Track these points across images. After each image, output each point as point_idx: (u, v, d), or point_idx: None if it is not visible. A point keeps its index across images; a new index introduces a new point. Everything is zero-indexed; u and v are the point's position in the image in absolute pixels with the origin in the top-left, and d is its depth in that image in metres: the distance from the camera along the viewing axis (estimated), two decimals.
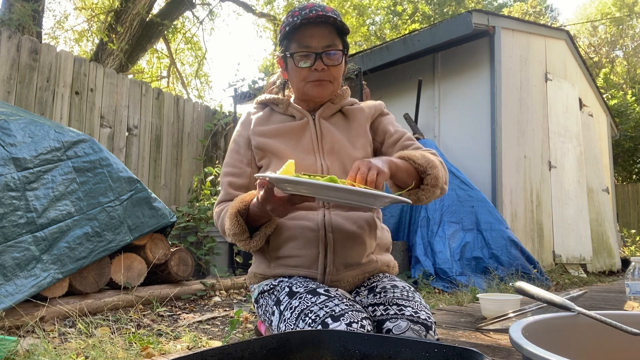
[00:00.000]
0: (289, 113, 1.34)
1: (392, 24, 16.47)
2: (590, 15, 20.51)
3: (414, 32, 5.20)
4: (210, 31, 28.26)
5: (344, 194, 0.95)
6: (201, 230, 4.41)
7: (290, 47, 1.27)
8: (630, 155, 12.40)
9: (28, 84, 4.40)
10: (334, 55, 1.24)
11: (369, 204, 1.03)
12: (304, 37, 1.23)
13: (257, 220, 1.19)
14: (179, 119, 5.82)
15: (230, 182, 1.31)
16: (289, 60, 1.28)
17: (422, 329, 1.06)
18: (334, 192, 0.95)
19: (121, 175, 2.98)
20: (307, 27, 1.23)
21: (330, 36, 1.24)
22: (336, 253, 1.21)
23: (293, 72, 1.28)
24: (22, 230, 2.45)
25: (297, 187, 0.97)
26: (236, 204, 1.17)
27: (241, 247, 1.20)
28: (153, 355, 1.79)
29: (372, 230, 1.28)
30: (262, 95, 1.42)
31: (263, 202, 1.06)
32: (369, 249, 1.27)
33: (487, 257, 4.06)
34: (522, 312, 1.91)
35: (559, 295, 0.89)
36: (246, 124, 1.37)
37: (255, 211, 1.14)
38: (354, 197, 0.97)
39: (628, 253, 7.95)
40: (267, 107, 1.40)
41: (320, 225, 1.21)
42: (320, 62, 1.23)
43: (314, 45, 1.23)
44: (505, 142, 4.68)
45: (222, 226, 1.25)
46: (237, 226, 1.15)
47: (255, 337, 0.75)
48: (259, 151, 1.30)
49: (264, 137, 1.30)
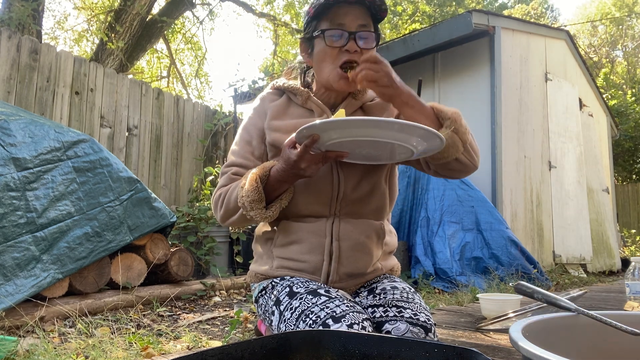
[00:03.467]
0: (307, 107, 1.25)
1: (392, 24, 16.46)
2: (590, 15, 20.51)
3: (414, 32, 5.20)
4: (210, 31, 28.34)
5: (387, 130, 0.97)
6: (201, 230, 4.41)
7: (320, 25, 1.17)
8: (630, 155, 12.40)
9: (28, 84, 4.40)
10: (368, 38, 1.15)
11: (406, 142, 1.01)
12: (337, 15, 1.14)
13: (276, 189, 1.14)
14: (179, 119, 5.82)
15: (237, 172, 1.23)
16: (317, 42, 1.18)
17: (422, 331, 1.06)
18: (377, 129, 0.97)
19: (121, 175, 2.98)
20: (341, 6, 1.14)
21: (365, 17, 1.16)
22: (341, 262, 1.18)
23: (321, 54, 1.17)
24: (22, 230, 2.45)
25: (344, 131, 0.98)
26: (257, 171, 1.12)
27: (255, 215, 1.13)
28: (153, 355, 1.79)
29: (380, 239, 1.25)
30: (280, 79, 1.32)
31: (299, 159, 1.03)
32: (375, 259, 1.24)
33: (487, 257, 4.06)
34: (522, 312, 1.91)
35: (559, 295, 0.89)
36: (261, 112, 1.28)
37: (278, 176, 1.10)
38: (397, 133, 0.98)
39: (628, 253, 7.95)
40: (284, 95, 1.30)
41: (327, 232, 1.18)
42: (353, 43, 1.13)
43: (347, 24, 1.14)
44: (505, 142, 4.67)
45: (227, 203, 1.18)
46: (256, 192, 1.09)
47: (255, 337, 0.75)
48: (273, 148, 1.23)
49: (280, 133, 1.21)
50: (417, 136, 0.99)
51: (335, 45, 1.14)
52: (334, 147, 1.03)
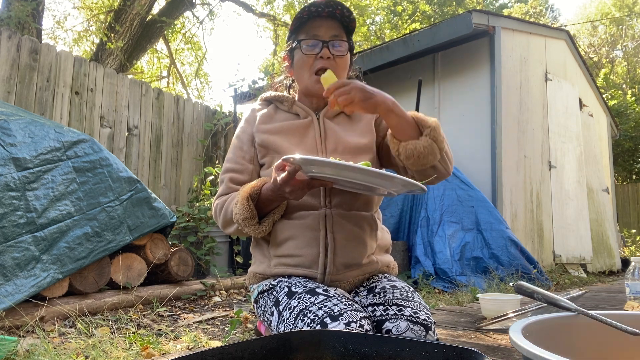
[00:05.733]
0: (293, 111, 1.35)
1: (392, 24, 16.47)
2: (590, 15, 20.52)
3: (414, 32, 5.20)
4: (210, 31, 28.37)
5: (369, 177, 1.00)
6: (201, 230, 4.41)
7: (298, 37, 1.30)
8: (630, 155, 12.41)
9: (28, 84, 4.40)
10: (339, 45, 1.27)
11: (388, 188, 1.09)
12: (312, 27, 1.27)
13: (266, 206, 1.21)
14: (179, 119, 5.82)
15: (231, 178, 1.31)
16: (296, 52, 1.31)
17: (422, 329, 1.06)
18: (356, 174, 1.00)
19: (121, 175, 2.98)
20: (315, 20, 1.27)
21: (337, 29, 1.28)
22: (336, 253, 1.20)
23: (299, 63, 1.30)
24: (22, 230, 2.45)
25: (323, 169, 1.01)
26: (247, 189, 1.19)
27: (249, 231, 1.21)
28: (153, 355, 1.79)
29: (373, 230, 1.28)
30: (267, 92, 1.43)
31: (283, 184, 1.08)
32: (370, 250, 1.26)
33: (487, 257, 4.06)
34: (522, 312, 1.91)
35: (559, 295, 0.89)
36: (250, 120, 1.37)
37: (267, 195, 1.16)
38: (379, 180, 1.03)
39: (628, 253, 7.95)
40: (271, 105, 1.40)
41: (321, 225, 1.21)
42: (326, 50, 1.25)
43: (321, 34, 1.26)
44: (505, 142, 4.67)
45: (225, 215, 1.26)
46: (248, 210, 1.17)
47: (255, 337, 0.75)
48: (262, 148, 1.30)
49: (268, 134, 1.30)
50: (397, 184, 1.04)
51: (310, 53, 1.27)
52: (319, 176, 1.07)
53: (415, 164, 1.18)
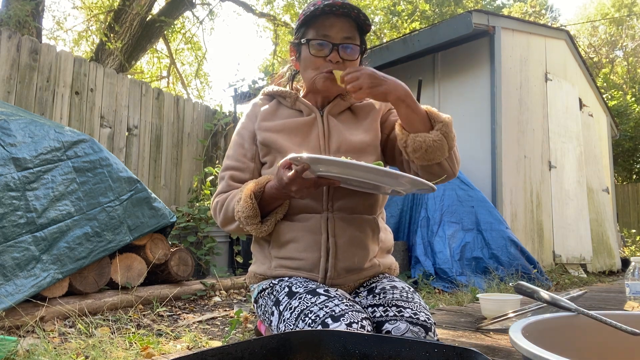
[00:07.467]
0: (296, 107, 1.30)
1: (391, 24, 16.46)
2: (590, 16, 20.51)
3: (414, 32, 5.20)
4: (210, 31, 28.34)
5: (378, 176, 0.99)
6: (201, 230, 4.41)
7: (307, 34, 1.22)
8: (630, 155, 12.41)
9: (28, 84, 4.40)
10: (351, 49, 1.20)
11: (396, 187, 1.06)
12: (323, 25, 1.19)
13: (269, 204, 1.17)
14: (179, 119, 5.82)
15: (232, 176, 1.27)
16: (303, 48, 1.24)
17: (422, 331, 1.06)
18: (365, 172, 0.98)
19: (121, 175, 2.98)
20: (328, 17, 1.19)
21: (351, 29, 1.21)
22: (338, 258, 1.18)
23: (306, 61, 1.24)
24: (22, 230, 2.45)
25: (331, 168, 1.00)
26: (250, 187, 1.15)
27: (251, 230, 1.18)
28: (153, 355, 1.79)
29: (375, 234, 1.26)
30: (270, 86, 1.37)
31: (289, 183, 1.05)
32: (372, 254, 1.24)
33: (487, 257, 4.06)
34: (522, 312, 1.91)
35: (558, 295, 0.89)
36: (252, 116, 1.32)
37: (271, 193, 1.13)
38: (388, 179, 1.01)
39: (628, 253, 7.95)
40: (274, 100, 1.35)
41: (322, 228, 1.19)
42: (336, 54, 1.19)
43: (332, 35, 1.19)
44: (505, 142, 4.67)
45: (225, 213, 1.22)
46: (251, 209, 1.14)
47: (255, 337, 0.75)
48: (264, 147, 1.26)
49: (270, 133, 1.25)
50: (405, 182, 1.02)
51: (319, 55, 1.20)
52: (326, 175, 1.05)
53: (421, 158, 1.14)
